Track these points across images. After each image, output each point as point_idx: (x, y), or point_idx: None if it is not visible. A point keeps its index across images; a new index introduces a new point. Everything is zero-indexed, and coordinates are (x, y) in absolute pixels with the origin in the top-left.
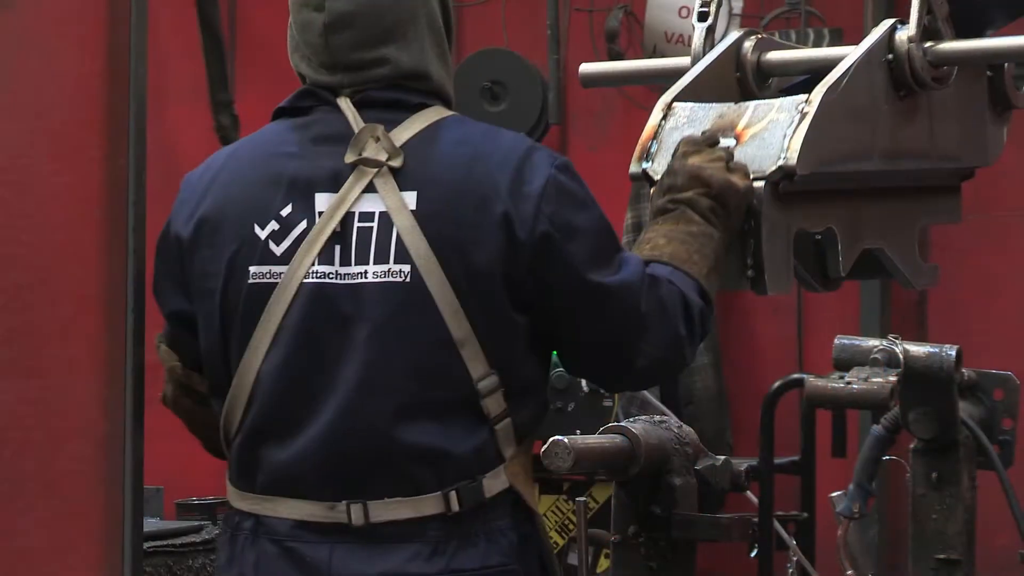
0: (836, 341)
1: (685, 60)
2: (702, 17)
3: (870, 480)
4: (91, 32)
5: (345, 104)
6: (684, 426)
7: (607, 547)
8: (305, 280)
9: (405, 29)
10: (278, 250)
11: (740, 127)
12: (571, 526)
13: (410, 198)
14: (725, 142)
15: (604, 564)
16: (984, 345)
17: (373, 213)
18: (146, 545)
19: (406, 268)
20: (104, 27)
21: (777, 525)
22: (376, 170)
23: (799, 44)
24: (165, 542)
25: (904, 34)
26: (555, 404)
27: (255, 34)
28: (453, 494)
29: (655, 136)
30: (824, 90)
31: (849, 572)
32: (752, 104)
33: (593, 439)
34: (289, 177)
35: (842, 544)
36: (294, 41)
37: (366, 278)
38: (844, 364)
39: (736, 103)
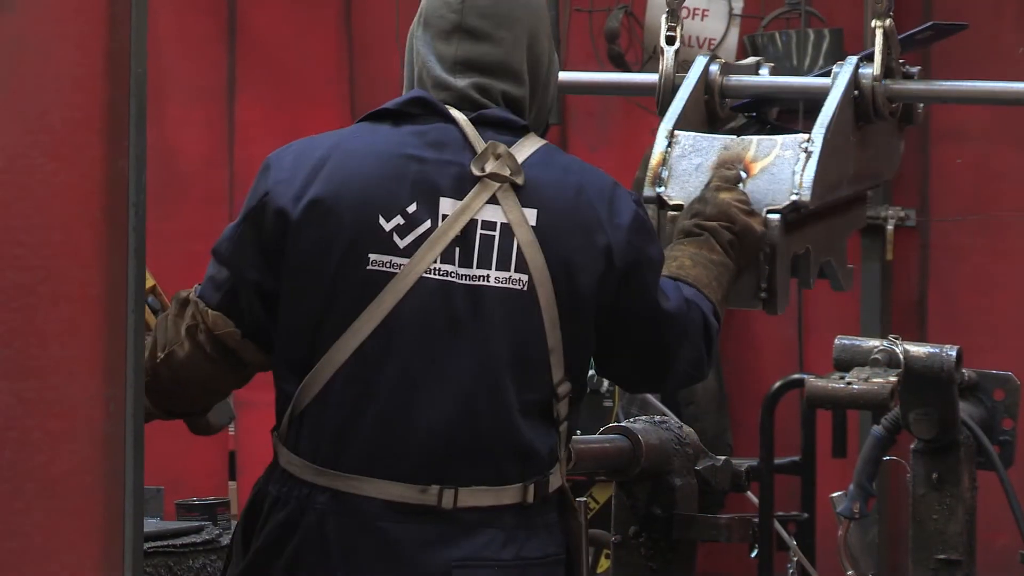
0: (836, 341)
1: (651, 77)
2: (670, 41)
3: (870, 480)
4: (91, 32)
5: (462, 117)
6: (684, 426)
7: (608, 547)
8: (425, 275)
9: (518, 32)
10: (401, 243)
11: (748, 159)
12: None
13: (530, 214)
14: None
15: (604, 564)
16: (984, 345)
17: (495, 223)
18: (146, 545)
19: (524, 278)
20: (104, 27)
21: (777, 525)
22: (499, 184)
23: (799, 44)
24: (165, 542)
25: (868, 72)
26: None
27: (255, 34)
28: (532, 487)
29: (664, 163)
30: (824, 131)
31: (849, 572)
32: (755, 139)
33: (594, 440)
34: (414, 177)
35: (842, 544)
36: (424, 11)
37: (487, 282)
38: (844, 364)
39: (738, 136)
